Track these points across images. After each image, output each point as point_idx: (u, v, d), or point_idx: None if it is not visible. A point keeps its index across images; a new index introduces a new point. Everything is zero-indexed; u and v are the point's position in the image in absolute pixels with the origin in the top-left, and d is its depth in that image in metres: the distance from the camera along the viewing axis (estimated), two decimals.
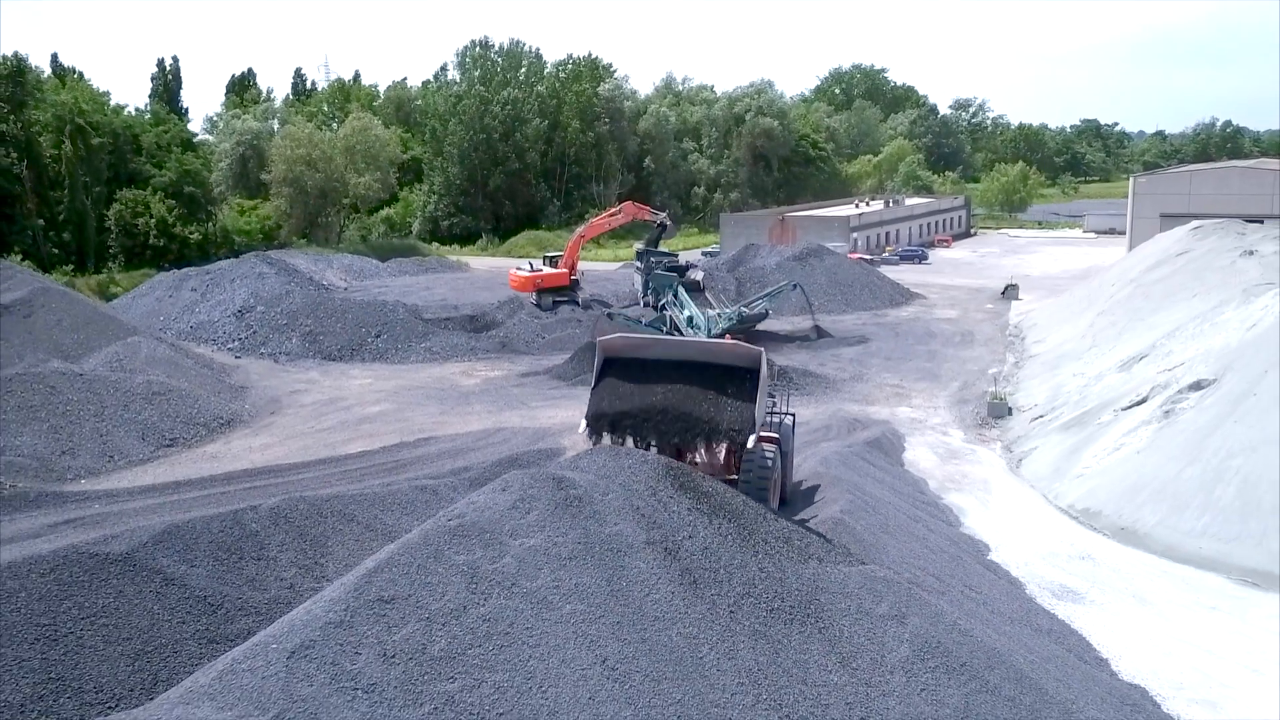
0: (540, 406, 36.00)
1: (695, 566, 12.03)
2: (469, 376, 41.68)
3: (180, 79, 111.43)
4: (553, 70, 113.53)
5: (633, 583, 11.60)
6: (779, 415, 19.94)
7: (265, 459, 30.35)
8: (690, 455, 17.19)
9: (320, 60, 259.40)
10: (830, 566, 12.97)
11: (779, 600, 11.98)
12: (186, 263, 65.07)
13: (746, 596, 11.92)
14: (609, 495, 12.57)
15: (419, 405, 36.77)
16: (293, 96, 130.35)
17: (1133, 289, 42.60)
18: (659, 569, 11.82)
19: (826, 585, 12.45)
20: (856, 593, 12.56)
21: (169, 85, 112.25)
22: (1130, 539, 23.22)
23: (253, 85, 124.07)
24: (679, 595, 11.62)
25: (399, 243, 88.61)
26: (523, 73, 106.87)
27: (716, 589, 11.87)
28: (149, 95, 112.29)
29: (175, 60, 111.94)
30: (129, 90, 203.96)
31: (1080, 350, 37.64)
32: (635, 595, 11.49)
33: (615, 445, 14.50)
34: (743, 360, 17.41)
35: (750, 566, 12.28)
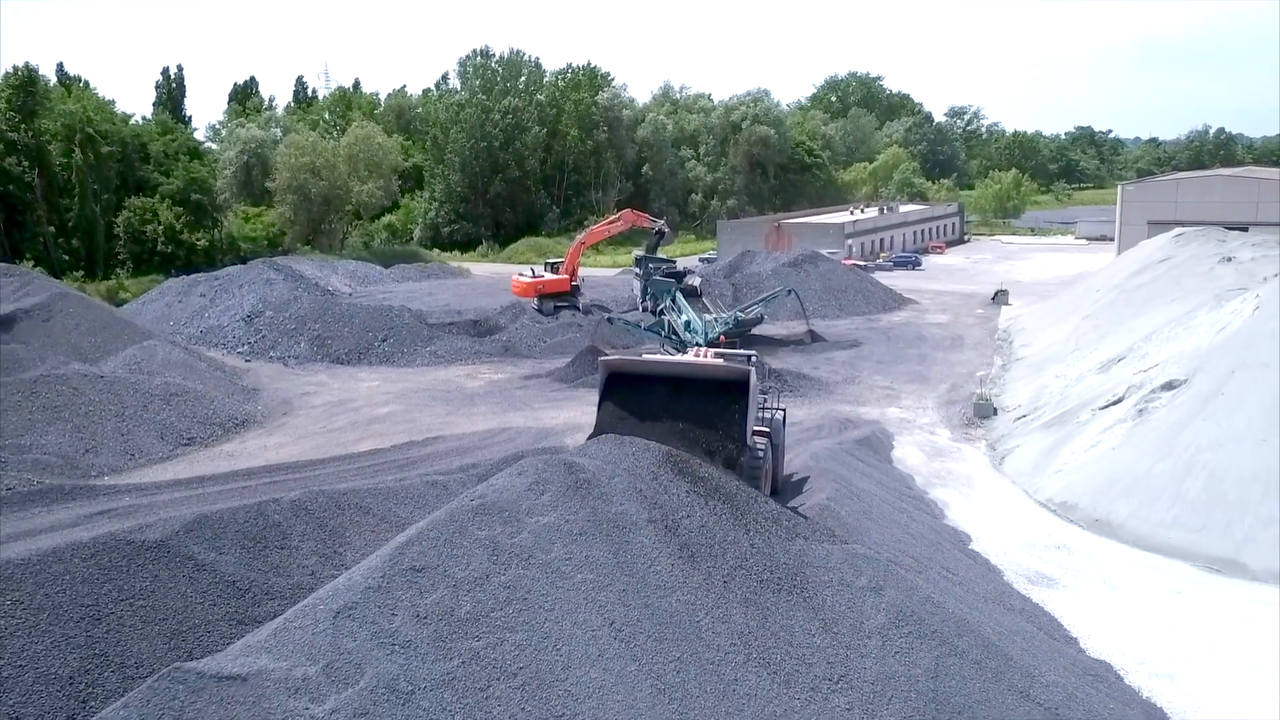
0: (543, 408, 37.26)
1: (692, 542, 13.39)
2: (473, 379, 42.96)
3: (184, 87, 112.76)
4: (552, 79, 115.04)
5: (636, 556, 12.95)
6: (769, 411, 21.33)
7: (281, 457, 31.61)
8: None
9: (320, 68, 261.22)
10: (815, 544, 14.31)
11: (768, 572, 13.33)
12: (194, 269, 66.39)
13: (738, 569, 13.27)
14: (615, 479, 13.93)
15: (426, 406, 38.04)
16: (294, 104, 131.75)
17: (1116, 294, 44.01)
18: (660, 544, 13.17)
19: (811, 560, 13.79)
20: (838, 567, 13.90)
21: (173, 93, 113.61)
22: (1104, 530, 24.55)
23: (255, 93, 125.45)
24: (678, 567, 12.97)
25: (401, 249, 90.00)
26: (522, 81, 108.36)
27: (711, 562, 13.22)
28: (153, 103, 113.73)
29: (180, 69, 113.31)
30: (132, 98, 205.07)
31: (1064, 353, 39.02)
32: (639, 567, 12.83)
33: (620, 436, 15.85)
34: (733, 376, 19.02)
35: (742, 542, 13.64)
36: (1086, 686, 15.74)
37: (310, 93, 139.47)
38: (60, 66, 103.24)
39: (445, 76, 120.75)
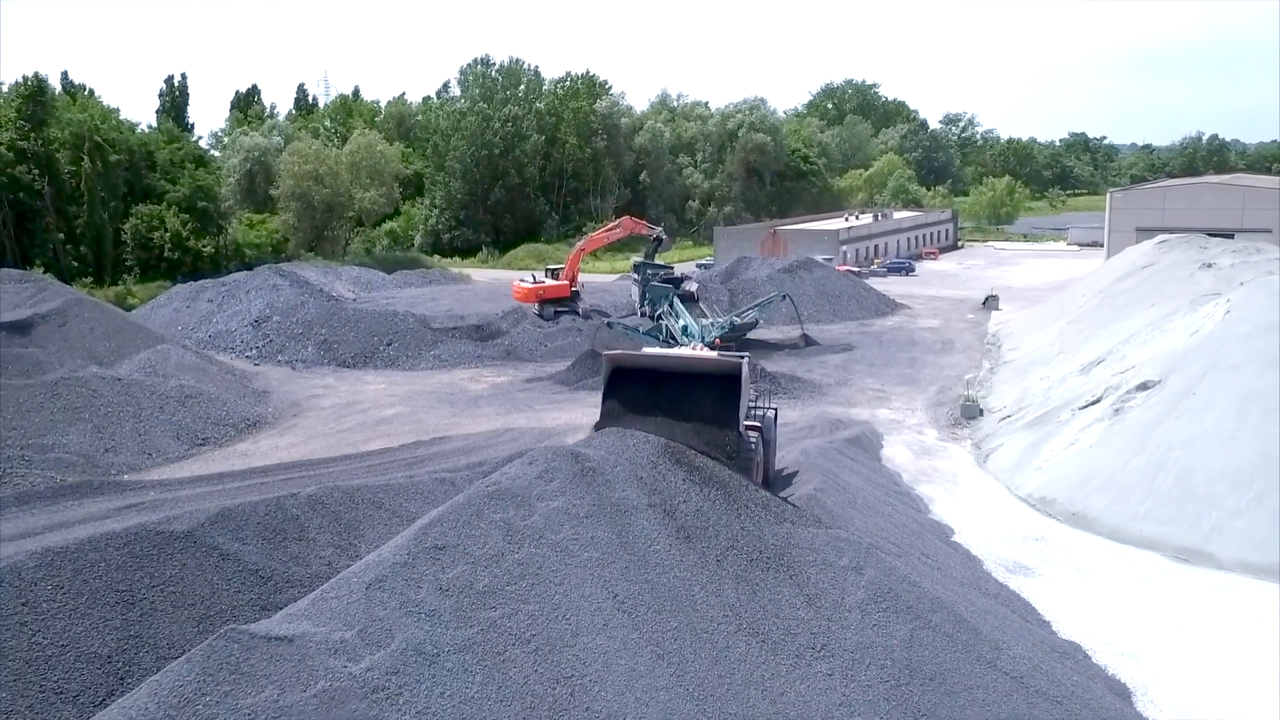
0: (545, 409, 38.50)
1: (689, 524, 14.67)
2: (477, 382, 44.21)
3: (187, 95, 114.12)
4: (551, 87, 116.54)
5: (637, 536, 14.22)
6: (762, 409, 22.63)
7: (293, 456, 32.82)
8: None
9: (320, 75, 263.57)
10: (801, 528, 15.59)
11: (757, 552, 14.61)
12: (199, 275, 67.59)
13: (730, 549, 14.55)
14: (618, 468, 15.21)
15: (431, 408, 39.28)
16: (296, 112, 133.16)
17: (1101, 299, 45.36)
18: (659, 526, 14.44)
19: (797, 542, 15.07)
20: (822, 548, 15.18)
21: (176, 101, 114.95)
22: (1080, 523, 25.83)
23: (257, 101, 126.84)
24: (675, 547, 14.24)
25: (402, 255, 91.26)
26: (522, 90, 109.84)
27: (706, 542, 14.50)
28: (156, 111, 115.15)
29: (183, 77, 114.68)
30: (133, 105, 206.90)
31: (1049, 356, 40.34)
32: (639, 546, 14.10)
33: (622, 429, 17.14)
34: (726, 369, 20.40)
35: (734, 525, 14.92)
36: (1054, 661, 17.00)
37: (311, 100, 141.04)
38: (65, 75, 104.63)
39: (446, 85, 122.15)
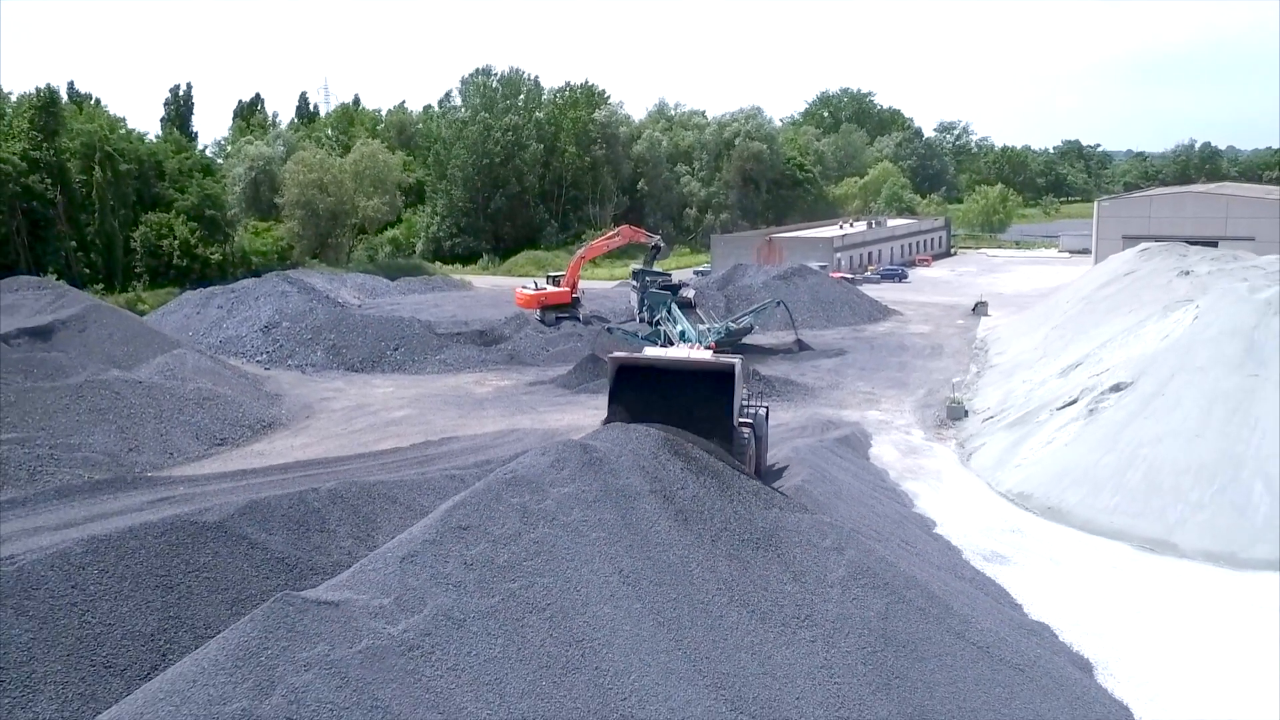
0: (548, 411, 40.05)
1: (686, 508, 16.24)
2: (481, 385, 45.76)
3: (192, 105, 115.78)
4: (550, 97, 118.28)
5: (640, 519, 15.79)
6: (754, 407, 24.27)
7: (308, 455, 34.38)
8: None
9: (320, 83, 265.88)
10: (788, 513, 17.18)
11: (748, 533, 16.19)
12: (207, 282, 69.16)
13: (724, 530, 16.13)
14: (622, 458, 16.79)
15: (439, 410, 40.83)
16: (297, 120, 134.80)
17: (1083, 305, 47.02)
18: (659, 510, 16.02)
19: (784, 525, 16.65)
20: (807, 531, 16.77)
21: (180, 111, 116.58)
22: (1055, 516, 27.42)
23: (260, 110, 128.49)
24: (674, 528, 15.82)
25: (404, 262, 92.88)
26: (521, 99, 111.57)
27: (702, 524, 16.07)
28: (161, 120, 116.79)
29: (188, 86, 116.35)
30: (136, 113, 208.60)
31: (1032, 360, 41.95)
32: (642, 527, 15.67)
33: (625, 424, 18.75)
34: (721, 369, 22.12)
35: (727, 510, 16.50)
36: (1021, 637, 18.59)
37: (312, 108, 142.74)
38: (71, 85, 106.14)
39: (448, 94, 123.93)
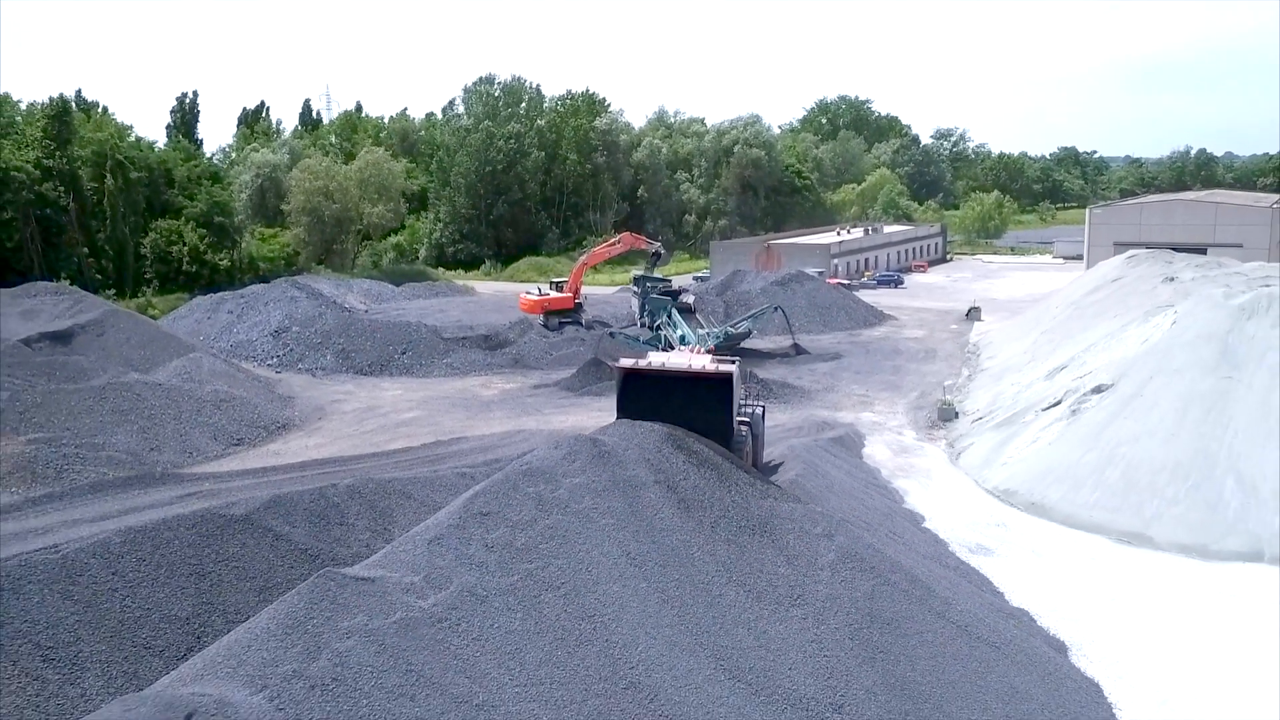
0: (553, 413, 41.39)
1: (688, 498, 17.61)
2: (487, 388, 47.11)
3: (198, 112, 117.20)
4: (552, 105, 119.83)
5: (645, 507, 17.16)
6: (751, 407, 25.66)
7: (322, 454, 35.71)
8: None
9: (322, 90, 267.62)
10: (782, 503, 18.55)
11: (745, 520, 17.56)
12: (216, 287, 70.49)
13: (722, 517, 17.49)
14: (629, 451, 18.16)
15: (447, 412, 42.18)
16: (301, 128, 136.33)
17: (1072, 310, 48.42)
18: (663, 498, 17.39)
19: (778, 513, 18.03)
20: (799, 519, 18.14)
21: (186, 119, 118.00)
22: (1038, 511, 28.78)
23: (264, 118, 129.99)
24: (677, 515, 17.19)
25: (408, 268, 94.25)
26: (523, 107, 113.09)
27: (702, 512, 17.44)
28: (167, 127, 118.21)
29: (194, 94, 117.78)
30: (140, 120, 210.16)
31: (1021, 364, 43.34)
32: (647, 514, 17.04)
33: (632, 421, 20.15)
34: (721, 374, 23.49)
35: (725, 499, 17.87)
36: (999, 619, 19.97)
37: (315, 115, 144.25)
38: (79, 93, 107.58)
39: (452, 102, 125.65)
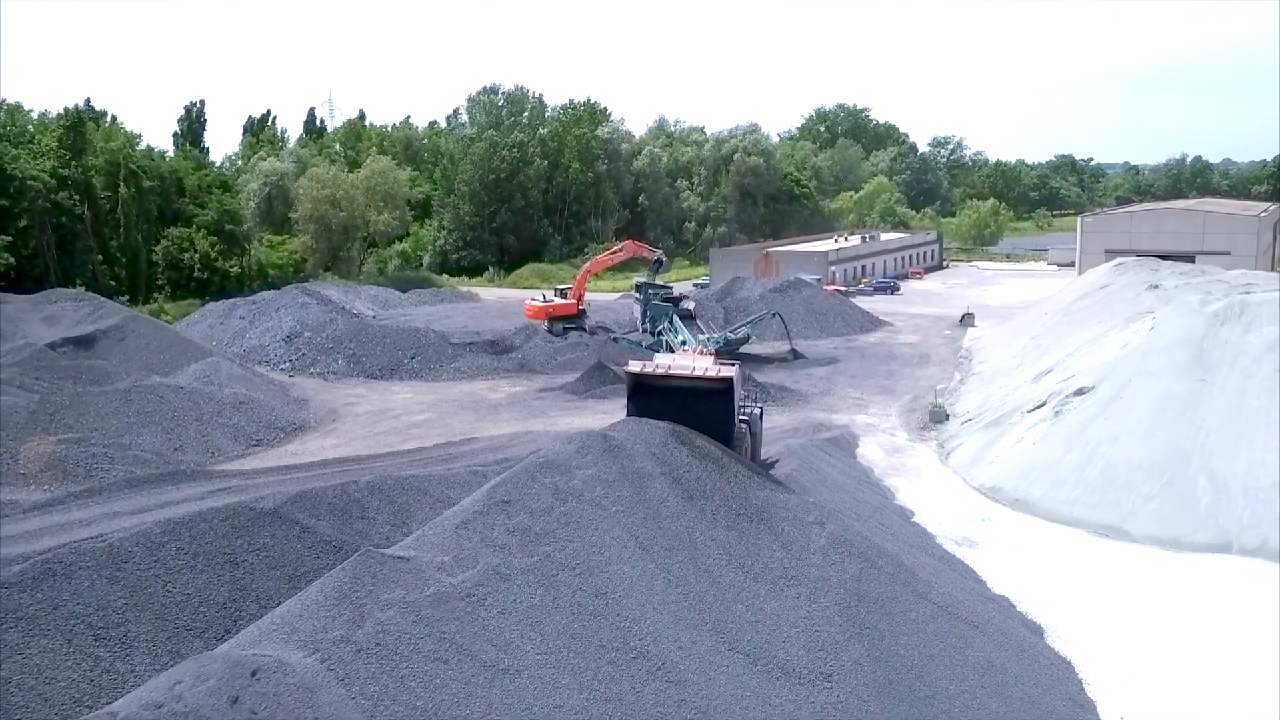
0: (559, 415, 42.93)
1: (691, 488, 19.19)
2: (495, 392, 48.67)
3: (204, 122, 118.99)
4: (554, 114, 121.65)
5: (652, 496, 18.74)
6: (750, 407, 27.27)
7: (339, 454, 37.26)
8: None
9: (324, 98, 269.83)
10: (778, 493, 20.13)
11: (743, 509, 19.13)
12: (226, 294, 72.12)
13: (723, 506, 19.07)
14: (636, 446, 19.74)
15: (456, 414, 43.72)
16: (306, 136, 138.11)
17: (1060, 317, 50.05)
18: (668, 488, 18.96)
19: (774, 502, 19.61)
20: (793, 508, 19.72)
21: (193, 127, 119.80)
22: (1022, 507, 30.35)
23: (270, 126, 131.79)
24: (680, 504, 18.76)
25: (413, 274, 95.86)
26: (526, 116, 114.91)
27: (704, 501, 19.02)
28: (174, 135, 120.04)
29: (201, 104, 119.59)
30: (147, 129, 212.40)
31: (1010, 368, 44.95)
32: (654, 503, 18.62)
33: (640, 419, 21.78)
34: (723, 379, 25.11)
35: (725, 489, 19.45)
36: (980, 603, 21.54)
37: (319, 124, 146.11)
38: (88, 101, 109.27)
39: (456, 111, 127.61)
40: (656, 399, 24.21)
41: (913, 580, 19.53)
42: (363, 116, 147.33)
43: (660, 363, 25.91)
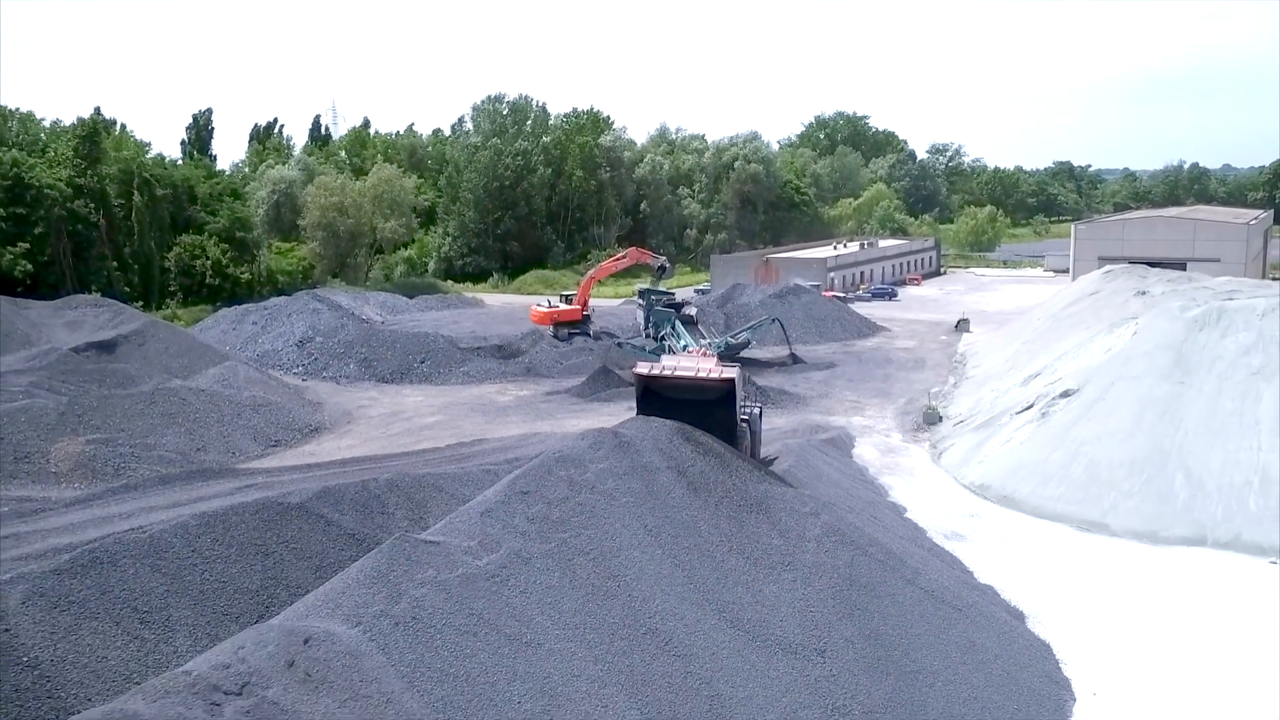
0: (565, 418, 44.43)
1: (695, 481, 20.72)
2: (503, 395, 50.18)
3: (212, 130, 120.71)
4: (558, 122, 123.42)
5: (660, 488, 20.26)
6: (750, 407, 28.84)
7: (356, 454, 38.76)
8: None
9: (328, 105, 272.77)
10: (776, 486, 21.66)
11: (743, 500, 20.65)
12: (238, 300, 73.76)
13: (725, 498, 20.59)
14: (644, 442, 21.27)
15: (466, 416, 45.24)
16: (311, 144, 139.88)
17: (1051, 322, 51.58)
18: (674, 481, 20.49)
19: (772, 494, 21.13)
20: (790, 500, 21.24)
21: (201, 135, 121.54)
22: (1009, 503, 31.84)
23: (277, 134, 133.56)
24: (686, 495, 20.29)
25: (419, 281, 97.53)
26: (529, 125, 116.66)
27: (707, 493, 20.54)
28: (181, 143, 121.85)
29: (208, 112, 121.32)
30: (154, 137, 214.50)
31: (1002, 372, 46.47)
32: (661, 494, 20.14)
33: (649, 418, 23.34)
34: (725, 381, 26.67)
35: (727, 482, 20.97)
36: (964, 590, 23.04)
37: (324, 131, 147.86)
38: (97, 110, 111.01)
39: (461, 120, 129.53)
40: (664, 397, 25.78)
41: (901, 567, 21.03)
42: (367, 124, 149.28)
43: (666, 365, 27.40)
